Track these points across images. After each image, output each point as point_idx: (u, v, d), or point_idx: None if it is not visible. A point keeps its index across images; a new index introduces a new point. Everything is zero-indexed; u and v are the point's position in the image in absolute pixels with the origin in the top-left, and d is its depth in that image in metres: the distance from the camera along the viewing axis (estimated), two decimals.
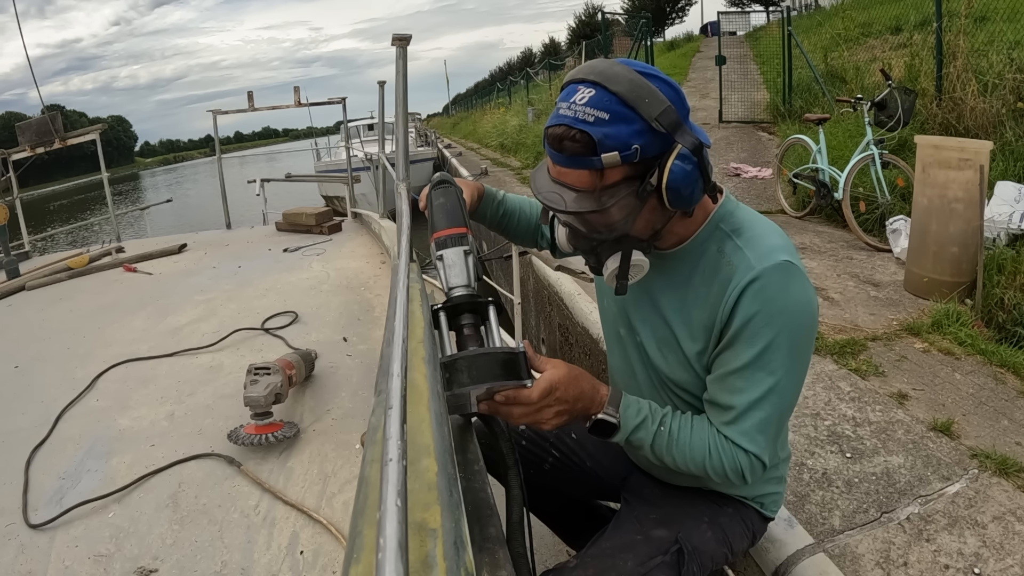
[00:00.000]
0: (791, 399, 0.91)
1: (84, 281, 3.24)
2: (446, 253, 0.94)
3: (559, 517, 1.34)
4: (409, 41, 1.10)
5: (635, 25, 10.63)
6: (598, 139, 0.79)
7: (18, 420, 1.71)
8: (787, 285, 0.86)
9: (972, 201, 2.84)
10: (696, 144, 0.82)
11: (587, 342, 3.14)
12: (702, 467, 0.91)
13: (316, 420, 1.62)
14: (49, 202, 25.96)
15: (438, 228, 0.96)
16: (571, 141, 0.81)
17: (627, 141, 0.80)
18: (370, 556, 0.46)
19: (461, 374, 0.81)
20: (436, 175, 1.05)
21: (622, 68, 0.82)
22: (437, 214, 0.98)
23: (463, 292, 0.92)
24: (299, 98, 4.85)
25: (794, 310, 0.86)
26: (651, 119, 0.80)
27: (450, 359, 0.82)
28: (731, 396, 0.89)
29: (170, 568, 1.15)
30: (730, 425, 0.89)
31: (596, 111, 0.80)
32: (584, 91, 0.82)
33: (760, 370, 0.86)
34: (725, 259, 0.89)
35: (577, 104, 0.81)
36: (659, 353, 0.99)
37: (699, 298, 0.92)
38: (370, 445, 0.63)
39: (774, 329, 0.85)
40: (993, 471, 1.80)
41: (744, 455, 0.89)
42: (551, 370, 0.88)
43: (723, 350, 0.89)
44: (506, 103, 21.06)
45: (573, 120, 0.81)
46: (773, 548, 1.52)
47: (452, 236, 0.95)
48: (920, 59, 4.98)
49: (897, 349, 2.56)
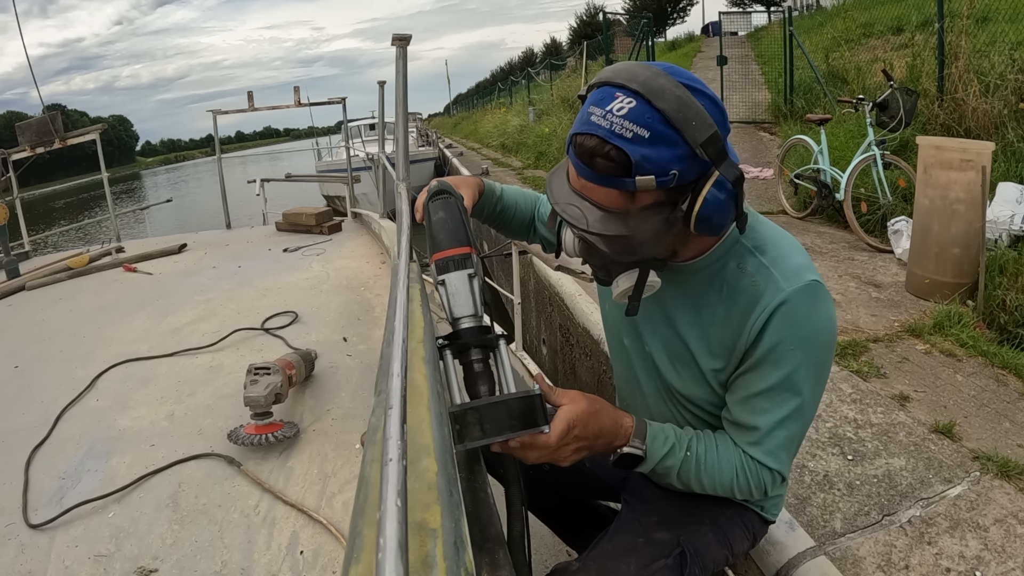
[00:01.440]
0: (811, 416, 0.90)
1: (84, 281, 3.24)
2: (449, 278, 0.83)
3: (558, 517, 1.33)
4: (409, 41, 1.09)
5: (636, 25, 10.62)
6: (635, 160, 0.72)
7: (18, 420, 1.71)
8: (815, 307, 0.83)
9: (974, 202, 2.84)
10: (737, 176, 0.75)
11: (588, 343, 3.13)
12: (729, 489, 0.91)
13: (316, 420, 1.62)
14: (51, 201, 26.00)
15: (439, 248, 0.85)
16: (604, 158, 0.73)
17: (666, 166, 0.73)
18: (370, 556, 0.46)
19: (473, 428, 0.72)
20: (433, 183, 0.94)
21: (667, 80, 0.73)
22: (437, 231, 0.87)
23: (470, 324, 0.83)
24: (299, 98, 4.86)
25: (820, 332, 0.85)
26: (696, 144, 0.72)
27: (459, 410, 0.73)
28: (756, 417, 0.88)
29: (170, 568, 1.15)
30: (755, 445, 0.89)
31: (636, 127, 0.72)
32: (623, 100, 0.73)
33: (786, 391, 0.85)
34: (748, 278, 0.85)
35: (615, 115, 0.73)
36: (671, 368, 0.97)
37: (718, 315, 0.88)
38: (370, 445, 0.63)
39: (801, 352, 0.83)
40: (995, 474, 1.79)
41: (768, 473, 0.90)
42: (569, 406, 0.83)
43: (747, 371, 0.87)
44: (507, 103, 21.07)
45: (608, 133, 0.73)
46: (774, 551, 1.52)
47: (455, 258, 0.84)
48: (922, 59, 4.98)
49: (899, 350, 2.56)
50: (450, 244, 0.85)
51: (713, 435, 0.94)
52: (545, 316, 4.11)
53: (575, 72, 14.58)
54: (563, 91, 13.57)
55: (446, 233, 0.87)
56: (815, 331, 0.84)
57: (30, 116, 5.02)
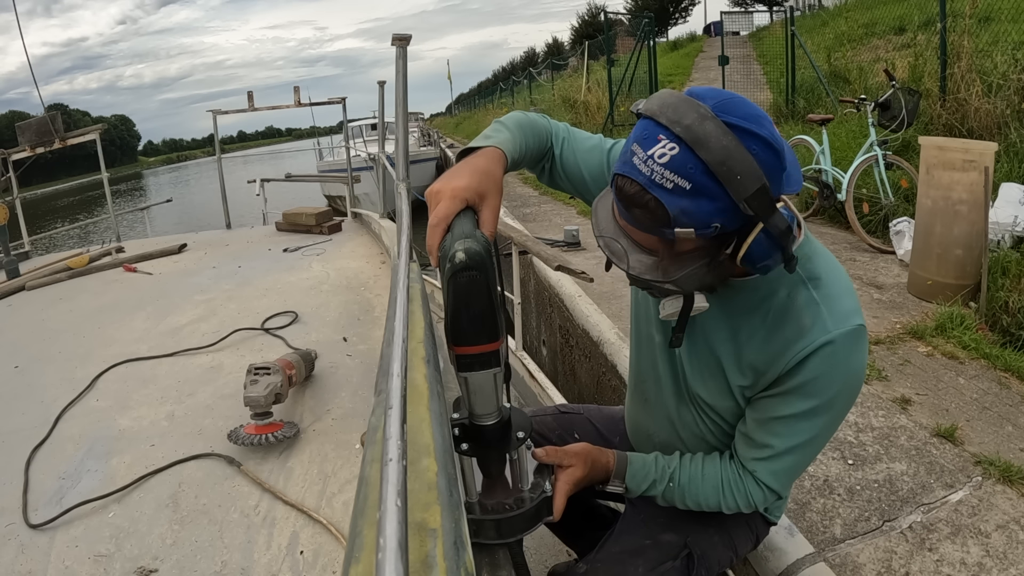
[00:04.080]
0: (820, 448, 0.92)
1: (84, 281, 3.24)
2: (471, 377, 0.73)
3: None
4: (409, 41, 1.09)
5: (638, 25, 10.62)
6: (674, 214, 0.70)
7: (18, 420, 1.71)
8: (855, 353, 0.83)
9: (976, 203, 2.83)
10: (784, 229, 0.72)
11: (587, 345, 3.13)
12: (716, 506, 0.94)
13: (316, 420, 1.61)
14: (52, 201, 26.04)
15: (462, 342, 0.70)
16: (642, 208, 0.72)
17: (707, 220, 0.71)
18: (370, 556, 0.46)
19: (488, 530, 0.78)
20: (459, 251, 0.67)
21: (715, 126, 0.69)
22: (460, 319, 0.69)
23: (492, 421, 0.77)
24: (299, 98, 4.86)
25: (853, 377, 0.85)
26: (740, 199, 0.69)
27: (478, 520, 0.77)
28: (770, 438, 0.89)
29: (170, 568, 1.14)
30: (761, 462, 0.90)
31: (677, 177, 0.69)
32: (666, 145, 0.70)
33: (806, 422, 0.86)
34: (797, 310, 0.83)
35: (656, 161, 0.70)
36: (698, 376, 0.96)
37: (757, 338, 0.87)
38: (370, 445, 0.63)
39: (832, 391, 0.84)
40: (997, 478, 1.78)
41: (760, 492, 0.91)
42: (567, 474, 0.89)
43: (774, 396, 0.87)
44: (509, 103, 21.07)
45: (648, 181, 0.70)
46: (773, 557, 1.51)
47: (480, 356, 0.71)
48: (924, 59, 4.97)
49: (900, 353, 2.55)
50: (477, 340, 0.71)
51: (701, 460, 0.96)
52: (545, 317, 4.10)
53: (576, 72, 14.58)
54: (564, 91, 13.57)
55: (472, 324, 0.70)
56: (849, 375, 0.84)
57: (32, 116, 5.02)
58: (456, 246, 0.67)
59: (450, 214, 0.73)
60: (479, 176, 0.78)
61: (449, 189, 0.75)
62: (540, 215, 6.13)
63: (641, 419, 1.12)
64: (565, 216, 5.94)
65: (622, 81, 10.08)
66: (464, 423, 0.79)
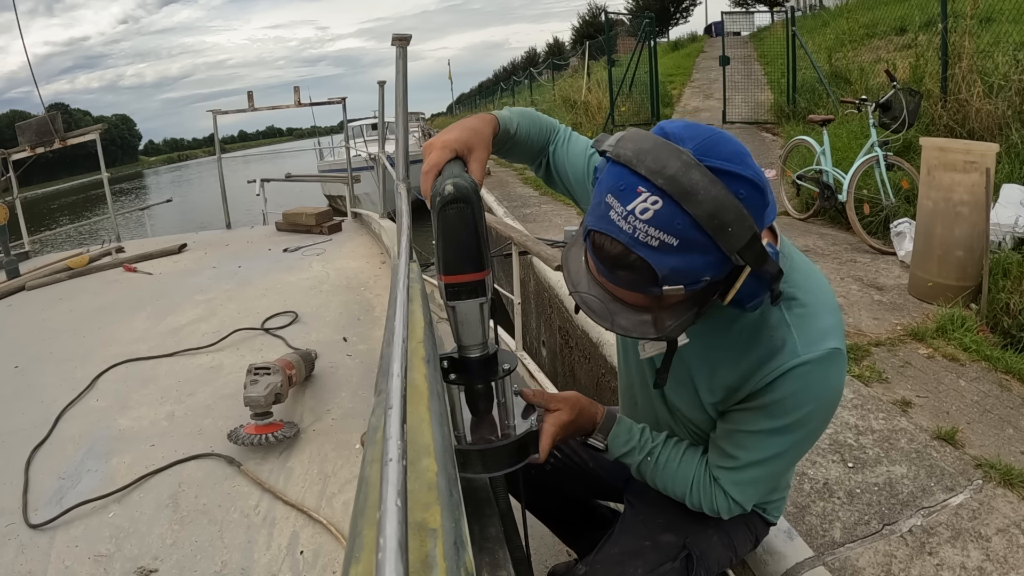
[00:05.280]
0: (790, 465, 0.93)
1: (84, 281, 3.24)
2: (459, 306, 0.76)
3: (558, 517, 1.33)
4: (409, 41, 1.09)
5: (639, 25, 10.62)
6: (663, 274, 0.65)
7: (18, 420, 1.71)
8: (827, 377, 0.80)
9: (978, 204, 2.83)
10: (774, 274, 0.68)
11: (587, 346, 3.13)
12: (682, 499, 0.96)
13: (316, 420, 1.61)
14: (52, 201, 26.04)
15: (451, 271, 0.75)
16: (626, 269, 0.66)
17: (697, 276, 0.66)
18: (370, 556, 0.46)
19: (475, 463, 0.80)
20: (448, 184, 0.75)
21: (701, 174, 0.63)
22: (450, 249, 0.74)
23: (478, 353, 0.81)
24: (299, 98, 4.86)
25: (826, 399, 0.83)
26: (732, 252, 0.64)
27: (463, 450, 0.79)
28: (736, 449, 0.89)
29: (170, 568, 1.14)
30: (726, 471, 0.91)
31: (663, 234, 0.63)
32: (647, 199, 0.63)
33: (773, 439, 0.86)
34: (769, 330, 0.80)
35: (638, 217, 0.63)
36: (673, 388, 0.96)
37: (729, 360, 0.85)
38: (370, 445, 0.63)
39: (801, 412, 0.82)
40: (998, 482, 1.77)
41: (724, 499, 0.92)
42: (553, 416, 0.90)
43: (742, 410, 0.87)
44: (510, 103, 21.08)
45: (631, 240, 0.64)
46: (772, 561, 1.50)
47: (468, 285, 0.75)
48: (925, 60, 4.97)
49: (901, 355, 2.55)
50: (464, 268, 0.75)
51: (684, 449, 0.96)
52: (545, 318, 4.10)
53: (577, 72, 14.57)
54: (565, 91, 13.56)
55: (460, 254, 0.74)
56: (820, 399, 0.83)
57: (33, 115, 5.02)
58: (446, 183, 0.74)
59: (440, 162, 0.79)
60: (468, 132, 0.84)
61: (440, 141, 0.82)
62: (540, 215, 6.13)
63: (632, 419, 1.13)
64: (565, 216, 5.94)
65: (623, 81, 10.08)
66: (453, 356, 0.82)
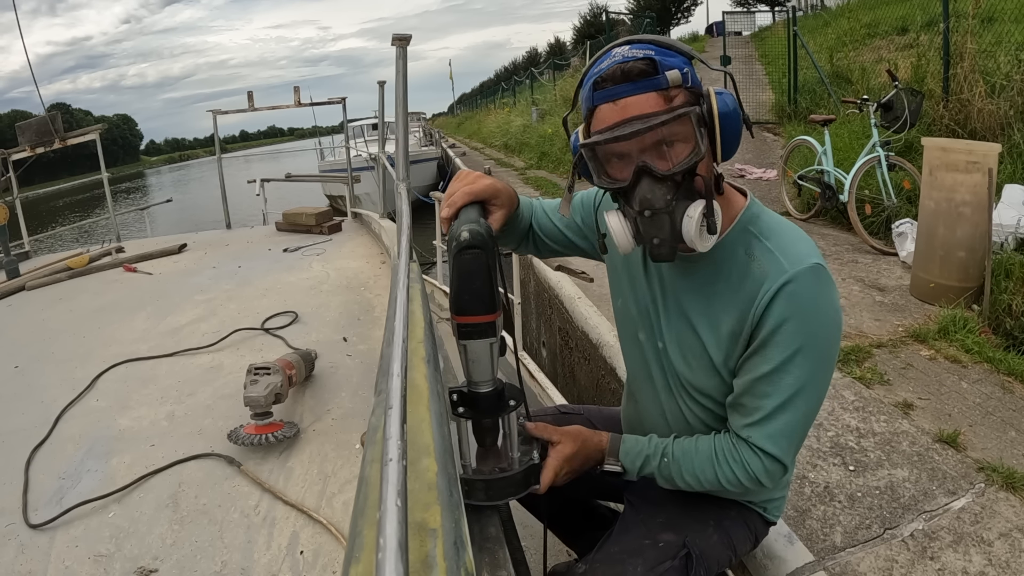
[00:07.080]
0: (816, 405, 0.91)
1: (84, 281, 3.24)
2: (470, 345, 0.80)
3: (558, 517, 1.33)
4: (409, 41, 1.09)
5: (640, 25, 10.62)
6: (659, 60, 0.82)
7: (18, 420, 1.71)
8: (819, 289, 0.85)
9: (980, 204, 2.82)
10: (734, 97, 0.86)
11: (587, 347, 3.12)
12: (715, 480, 0.93)
13: (316, 420, 1.61)
14: (53, 201, 26.07)
15: (463, 311, 0.78)
16: (635, 63, 0.83)
17: (680, 65, 0.84)
18: (370, 556, 0.46)
19: (478, 492, 0.83)
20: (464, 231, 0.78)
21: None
22: (463, 291, 0.78)
23: (487, 389, 0.83)
24: (299, 98, 4.87)
25: (824, 315, 0.86)
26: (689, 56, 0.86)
27: (469, 477, 0.83)
28: (757, 400, 0.89)
29: (170, 568, 1.14)
30: (756, 427, 0.89)
31: (643, 50, 0.84)
32: (623, 47, 0.86)
33: (788, 374, 0.86)
34: (755, 262, 0.88)
35: (623, 51, 0.85)
36: (683, 360, 0.98)
37: (726, 302, 0.91)
38: (370, 445, 0.63)
39: (805, 334, 0.85)
40: (1000, 485, 1.76)
41: (757, 460, 0.90)
42: (557, 449, 0.93)
43: (752, 354, 0.89)
44: (511, 103, 21.08)
45: (625, 59, 0.83)
46: (772, 565, 1.48)
47: (479, 326, 0.79)
48: (927, 60, 4.96)
49: (903, 356, 2.54)
50: (476, 310, 0.78)
51: (695, 437, 0.97)
52: (545, 318, 4.10)
53: (578, 72, 14.59)
54: (566, 91, 13.57)
55: (473, 296, 0.78)
56: (818, 312, 0.86)
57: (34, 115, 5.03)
58: (462, 228, 0.78)
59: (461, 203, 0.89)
60: (500, 186, 0.96)
61: (473, 177, 0.94)
62: None
63: (634, 419, 1.14)
64: None
65: None
66: (462, 390, 0.84)
